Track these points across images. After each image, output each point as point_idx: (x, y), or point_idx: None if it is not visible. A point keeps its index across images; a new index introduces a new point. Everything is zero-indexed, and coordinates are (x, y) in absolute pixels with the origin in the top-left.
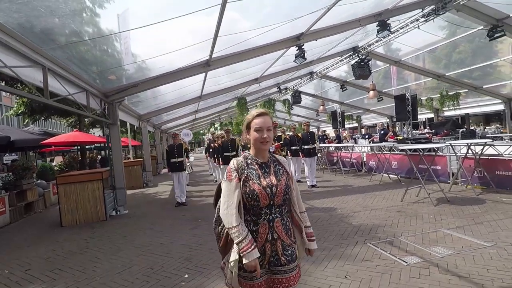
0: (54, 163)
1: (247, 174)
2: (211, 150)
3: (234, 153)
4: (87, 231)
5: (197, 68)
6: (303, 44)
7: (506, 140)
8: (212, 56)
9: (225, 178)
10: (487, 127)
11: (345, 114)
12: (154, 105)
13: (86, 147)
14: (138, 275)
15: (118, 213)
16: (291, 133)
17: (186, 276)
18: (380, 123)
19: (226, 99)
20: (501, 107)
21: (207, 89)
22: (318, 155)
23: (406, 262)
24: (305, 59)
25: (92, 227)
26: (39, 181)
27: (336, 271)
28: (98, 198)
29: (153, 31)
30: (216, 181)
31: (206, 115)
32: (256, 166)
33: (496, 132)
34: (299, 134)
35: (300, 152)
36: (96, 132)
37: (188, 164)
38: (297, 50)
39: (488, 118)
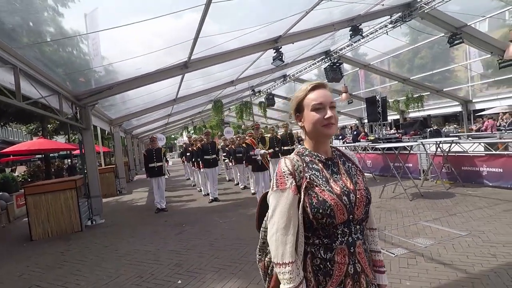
0: (16, 174)
1: (310, 178)
2: (187, 154)
3: (214, 155)
4: (62, 243)
5: (175, 70)
6: (281, 47)
7: (470, 139)
8: (191, 58)
9: (274, 187)
10: (446, 128)
11: None
12: (125, 109)
13: (50, 155)
14: (127, 284)
15: (94, 222)
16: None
17: (180, 282)
18: (353, 124)
19: (200, 102)
20: (458, 108)
21: (182, 92)
22: None
23: (394, 254)
24: (283, 61)
25: (67, 239)
26: (0, 193)
27: None
28: (72, 207)
29: (125, 32)
30: (194, 185)
31: (179, 119)
32: (320, 165)
33: (454, 132)
34: (278, 135)
35: (279, 154)
36: (59, 139)
37: (167, 169)
38: (274, 52)
39: (446, 119)
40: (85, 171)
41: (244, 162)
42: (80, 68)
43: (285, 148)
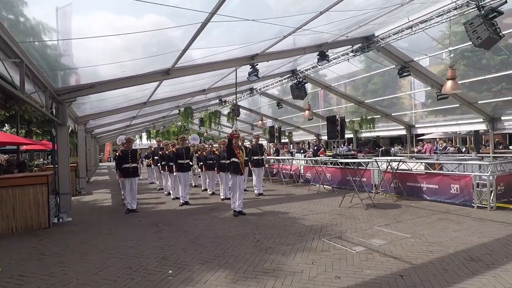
0: None
1: None
2: (155, 157)
3: (187, 160)
4: (31, 238)
5: (157, 75)
6: (257, 64)
7: (413, 159)
8: (175, 66)
9: None
10: (393, 148)
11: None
12: (94, 107)
13: None
14: (118, 274)
15: (61, 220)
16: (253, 142)
17: (170, 271)
18: (315, 140)
19: (167, 107)
20: (403, 132)
21: (154, 96)
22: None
23: (355, 251)
24: (258, 77)
25: (35, 234)
26: None
27: (303, 260)
28: (42, 203)
29: (113, 40)
30: (161, 189)
31: (142, 122)
32: None
33: (399, 152)
34: (249, 146)
35: (249, 163)
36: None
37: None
38: (250, 68)
39: (392, 141)
40: (57, 167)
41: (216, 168)
42: (62, 66)
43: (255, 157)
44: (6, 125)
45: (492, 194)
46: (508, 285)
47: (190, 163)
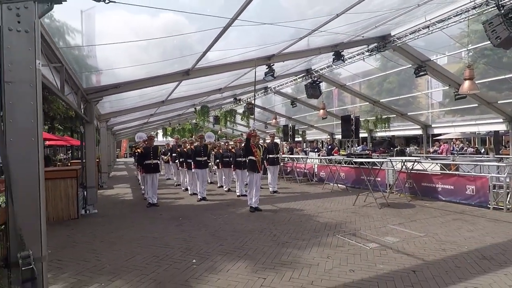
0: None
1: None
2: (173, 154)
3: (205, 157)
4: (63, 228)
5: (177, 75)
6: (273, 64)
7: (428, 159)
8: (195, 67)
9: None
10: (408, 148)
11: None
12: (115, 106)
13: None
14: (146, 261)
15: (88, 212)
16: (268, 141)
17: (194, 260)
18: (329, 139)
19: (184, 105)
20: (419, 131)
21: (173, 95)
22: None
23: (369, 247)
24: (274, 77)
25: (66, 225)
26: None
27: (319, 254)
28: (71, 196)
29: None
30: (178, 185)
31: (158, 119)
32: None
33: (415, 152)
34: (264, 144)
35: (265, 161)
36: None
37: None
38: (267, 68)
39: (408, 140)
40: (85, 162)
41: (232, 166)
42: (89, 67)
43: (271, 156)
44: None
45: (509, 195)
46: None
47: (208, 160)
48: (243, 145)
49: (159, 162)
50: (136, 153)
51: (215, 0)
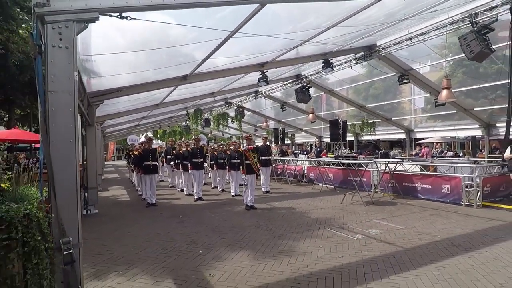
0: None
1: None
2: (168, 156)
3: (201, 159)
4: None
5: (175, 80)
6: (266, 70)
7: (410, 161)
8: (194, 72)
9: None
10: (392, 151)
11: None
12: (111, 109)
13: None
14: (156, 254)
15: (89, 212)
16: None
17: (201, 252)
18: (317, 142)
19: (176, 108)
20: (403, 135)
21: (167, 98)
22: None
23: (355, 238)
24: (267, 83)
25: None
26: None
27: (311, 244)
28: None
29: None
30: (172, 186)
31: (149, 121)
32: None
33: (399, 155)
34: (255, 145)
35: (257, 162)
36: None
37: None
38: (260, 74)
39: (392, 144)
40: (85, 163)
41: (227, 167)
42: (89, 72)
43: (263, 157)
44: (18, 123)
45: (479, 193)
46: (479, 263)
47: (204, 162)
48: (238, 149)
49: (157, 163)
50: (132, 156)
51: (213, 14)
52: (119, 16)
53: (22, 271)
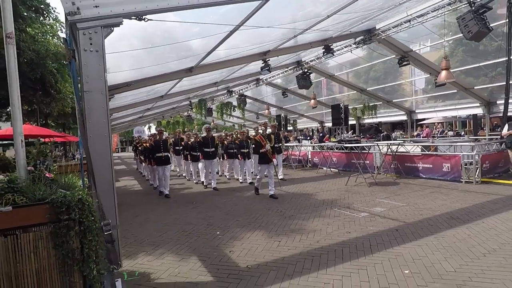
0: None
1: None
2: (176, 147)
3: (213, 149)
4: None
5: (181, 72)
6: (269, 59)
7: (411, 142)
8: (200, 64)
9: None
10: (394, 133)
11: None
12: (118, 102)
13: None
14: (177, 235)
15: None
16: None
17: (218, 233)
18: (319, 127)
19: (179, 99)
20: (404, 117)
21: (173, 90)
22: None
23: (361, 216)
24: (270, 71)
25: None
26: None
27: (320, 222)
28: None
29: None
30: (180, 176)
31: (153, 113)
32: None
33: (400, 137)
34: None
35: None
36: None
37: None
38: (262, 63)
39: (394, 126)
40: None
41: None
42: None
43: (275, 145)
44: (25, 119)
45: (478, 170)
46: (475, 232)
47: (216, 151)
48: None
49: (169, 155)
50: (140, 148)
51: (217, 9)
52: (137, 18)
53: (79, 246)
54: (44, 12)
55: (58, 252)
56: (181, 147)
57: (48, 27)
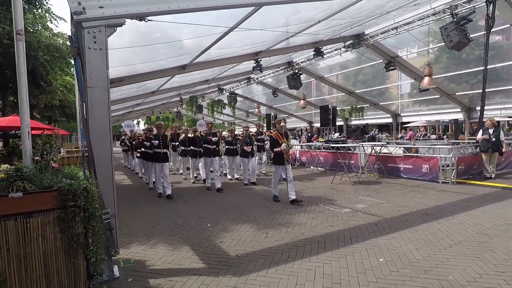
0: None
1: None
2: (173, 143)
3: (214, 146)
4: None
5: (174, 69)
6: (261, 59)
7: (393, 144)
8: (193, 62)
9: None
10: (379, 135)
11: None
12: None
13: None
14: (169, 227)
15: None
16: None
17: (209, 225)
18: (308, 127)
19: (170, 95)
20: (390, 120)
21: (164, 86)
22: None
23: (344, 211)
24: (262, 71)
25: None
26: None
27: (305, 217)
28: None
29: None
30: (176, 170)
31: (143, 108)
32: None
33: (386, 139)
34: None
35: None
36: None
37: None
38: (254, 63)
39: (380, 128)
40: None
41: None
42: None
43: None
44: (10, 110)
45: (453, 172)
46: (445, 227)
47: (217, 148)
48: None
49: (167, 151)
50: (135, 142)
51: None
52: (138, 19)
53: (84, 231)
54: (37, 3)
55: (64, 236)
56: (177, 143)
57: (40, 18)
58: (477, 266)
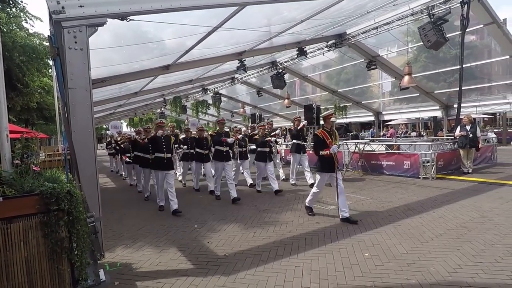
0: None
1: None
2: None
3: (227, 148)
4: None
5: (157, 70)
6: (245, 59)
7: (377, 142)
8: (176, 62)
9: None
10: (361, 133)
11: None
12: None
13: None
14: (156, 229)
15: None
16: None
17: (196, 226)
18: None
19: (153, 95)
20: (372, 118)
21: (147, 87)
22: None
23: (329, 208)
24: (246, 71)
25: None
26: None
27: (292, 215)
28: None
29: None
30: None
31: (125, 109)
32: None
33: (366, 136)
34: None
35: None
36: None
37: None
38: (238, 63)
39: (363, 126)
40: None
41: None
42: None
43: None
44: None
45: (433, 167)
46: (427, 221)
47: (230, 151)
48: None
49: (171, 156)
50: (123, 145)
51: (193, 12)
52: (120, 19)
53: (68, 235)
54: (11, 2)
55: (47, 241)
56: (176, 145)
57: (14, 18)
58: (457, 257)
